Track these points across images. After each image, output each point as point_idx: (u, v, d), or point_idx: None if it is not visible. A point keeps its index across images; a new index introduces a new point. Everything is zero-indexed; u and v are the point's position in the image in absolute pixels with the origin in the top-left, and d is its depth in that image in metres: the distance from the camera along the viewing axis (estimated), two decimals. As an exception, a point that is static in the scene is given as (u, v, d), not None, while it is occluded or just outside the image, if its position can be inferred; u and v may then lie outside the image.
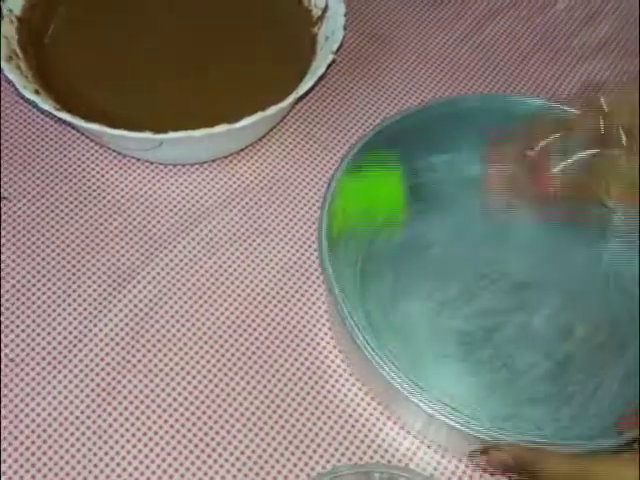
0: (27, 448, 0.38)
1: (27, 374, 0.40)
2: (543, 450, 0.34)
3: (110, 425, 0.39)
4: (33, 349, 0.41)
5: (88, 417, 0.39)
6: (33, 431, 0.39)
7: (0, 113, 0.50)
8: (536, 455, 0.34)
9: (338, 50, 0.46)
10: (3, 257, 0.44)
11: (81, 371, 0.41)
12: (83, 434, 0.39)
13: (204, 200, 0.48)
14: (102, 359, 0.41)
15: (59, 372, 0.41)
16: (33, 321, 0.42)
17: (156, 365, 0.41)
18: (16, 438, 0.38)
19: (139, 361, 0.41)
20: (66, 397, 0.40)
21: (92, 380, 0.41)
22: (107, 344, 0.42)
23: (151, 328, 0.43)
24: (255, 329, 0.43)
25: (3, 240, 0.45)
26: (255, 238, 0.46)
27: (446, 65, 0.56)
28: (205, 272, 0.45)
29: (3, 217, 0.46)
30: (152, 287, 0.44)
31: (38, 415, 0.39)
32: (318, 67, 0.46)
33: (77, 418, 0.39)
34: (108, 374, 0.41)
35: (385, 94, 0.54)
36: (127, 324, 0.43)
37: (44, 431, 0.39)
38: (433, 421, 0.35)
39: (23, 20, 0.48)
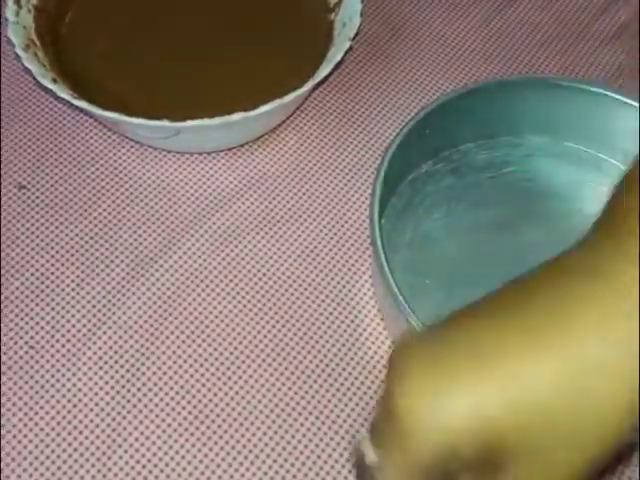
0: (47, 434, 0.39)
1: (47, 361, 0.41)
2: None
3: (129, 411, 0.40)
4: (53, 336, 0.42)
5: (107, 403, 0.40)
6: (53, 417, 0.39)
7: (3, 102, 0.50)
8: None
9: (355, 36, 0.46)
10: (23, 245, 0.45)
11: (100, 358, 0.41)
12: (102, 420, 0.39)
13: (221, 189, 0.48)
14: (121, 346, 0.41)
15: (79, 359, 0.41)
16: (52, 309, 0.42)
17: (174, 352, 0.41)
18: (37, 424, 0.39)
19: (157, 348, 0.42)
20: (85, 384, 0.40)
21: (111, 367, 0.41)
22: (126, 332, 0.42)
23: (169, 316, 0.43)
24: (272, 317, 0.43)
25: (22, 228, 0.45)
26: (271, 227, 0.46)
27: (464, 52, 0.56)
28: (222, 260, 0.45)
29: (22, 206, 0.46)
30: (170, 275, 0.44)
31: (58, 402, 0.40)
32: (335, 54, 0.45)
33: (97, 405, 0.40)
34: (127, 361, 0.41)
35: (402, 81, 0.53)
36: (146, 312, 0.43)
37: (64, 417, 0.39)
38: None
39: (40, 9, 0.48)
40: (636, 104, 0.44)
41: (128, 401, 0.40)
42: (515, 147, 0.48)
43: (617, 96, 0.44)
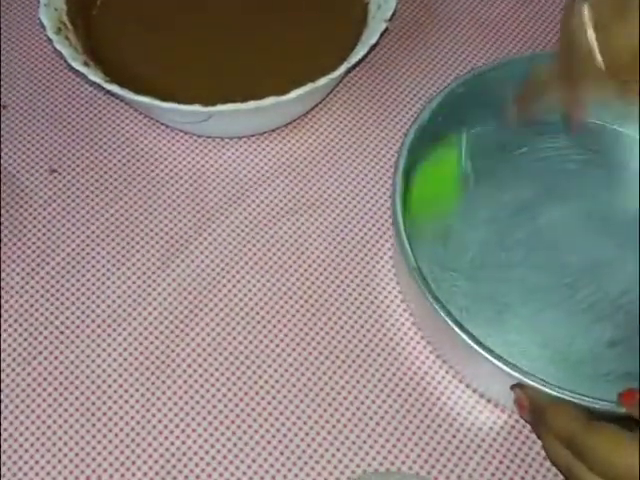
0: (77, 419, 0.39)
1: (82, 341, 0.41)
2: (558, 402, 0.33)
3: (163, 393, 0.39)
4: (88, 316, 0.42)
5: (137, 389, 0.40)
6: (88, 397, 0.39)
7: (34, 86, 0.50)
8: (548, 404, 0.33)
9: (391, 18, 0.45)
10: (54, 229, 0.44)
11: (131, 343, 0.41)
12: (137, 401, 0.39)
13: (252, 174, 0.47)
14: (156, 327, 0.41)
15: (109, 345, 0.41)
16: (88, 289, 0.42)
17: (207, 335, 0.41)
18: (66, 399, 0.39)
19: (190, 331, 0.41)
20: (120, 365, 0.40)
21: (146, 348, 0.41)
22: (156, 317, 0.42)
23: (202, 299, 0.42)
24: (307, 301, 0.43)
25: (54, 212, 0.45)
26: (303, 213, 0.46)
27: (501, 34, 0.54)
28: (252, 246, 0.44)
29: (54, 189, 0.46)
30: (202, 260, 0.44)
31: (88, 383, 0.40)
32: (370, 36, 0.44)
33: (126, 391, 0.40)
34: (162, 342, 0.41)
35: (438, 64, 0.52)
36: (178, 296, 0.42)
37: (93, 393, 0.39)
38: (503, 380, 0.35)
39: (72, -9, 0.48)
40: None
41: (163, 382, 0.40)
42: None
43: None
